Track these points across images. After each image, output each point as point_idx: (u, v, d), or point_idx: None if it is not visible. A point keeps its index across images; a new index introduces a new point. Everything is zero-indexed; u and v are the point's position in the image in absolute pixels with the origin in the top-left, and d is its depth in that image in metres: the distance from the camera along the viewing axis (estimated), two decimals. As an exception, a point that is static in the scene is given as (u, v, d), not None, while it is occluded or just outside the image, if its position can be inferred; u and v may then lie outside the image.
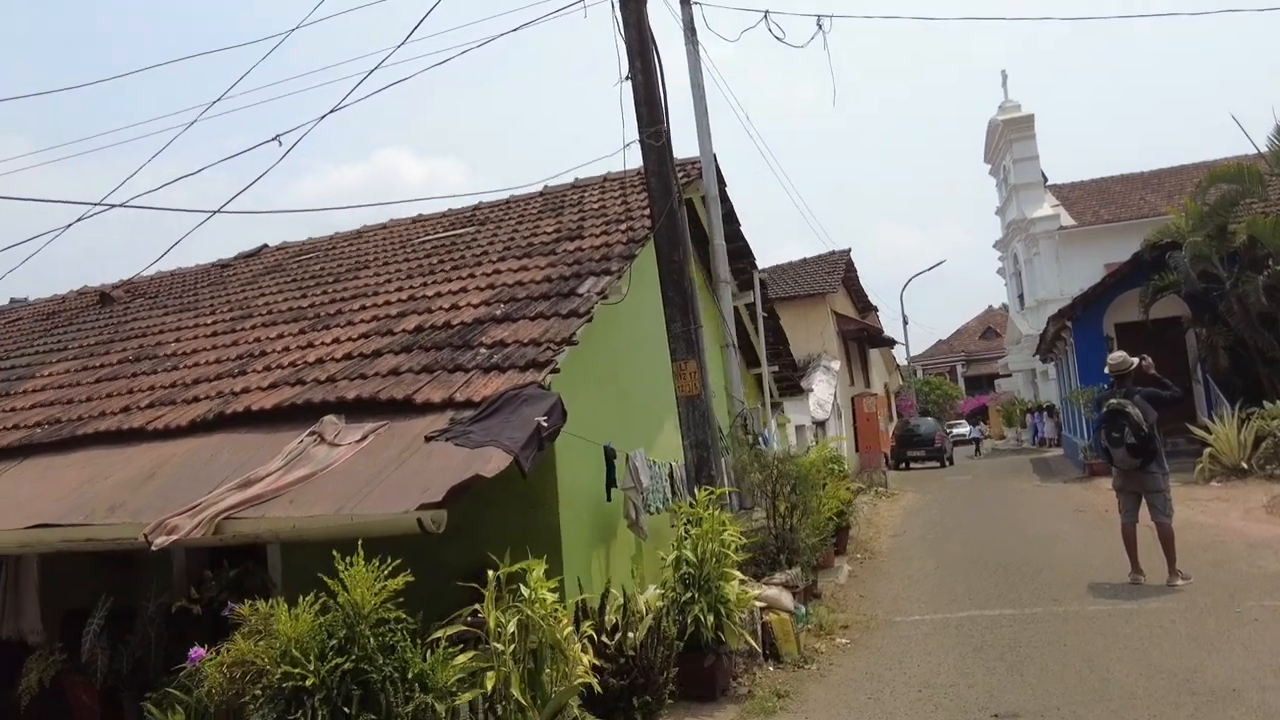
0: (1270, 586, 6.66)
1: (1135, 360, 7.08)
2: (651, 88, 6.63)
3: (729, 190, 9.89)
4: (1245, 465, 13.55)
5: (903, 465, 26.66)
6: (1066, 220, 34.60)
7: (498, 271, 7.11)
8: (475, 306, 6.35)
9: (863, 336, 25.90)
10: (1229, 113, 55.70)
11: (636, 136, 6.67)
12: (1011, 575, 8.02)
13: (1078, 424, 20.30)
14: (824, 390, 19.72)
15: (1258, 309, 14.68)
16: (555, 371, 4.98)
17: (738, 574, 5.35)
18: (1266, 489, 12.50)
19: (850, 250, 25.16)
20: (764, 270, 25.46)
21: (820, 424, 18.07)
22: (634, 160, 6.72)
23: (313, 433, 5.02)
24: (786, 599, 6.01)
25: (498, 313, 6.00)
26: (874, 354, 29.98)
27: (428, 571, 4.37)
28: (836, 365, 21.49)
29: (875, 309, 28.20)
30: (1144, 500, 7.00)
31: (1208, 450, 14.02)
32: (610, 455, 5.88)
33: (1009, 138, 37.46)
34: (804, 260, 25.34)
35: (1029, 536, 10.25)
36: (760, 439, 9.90)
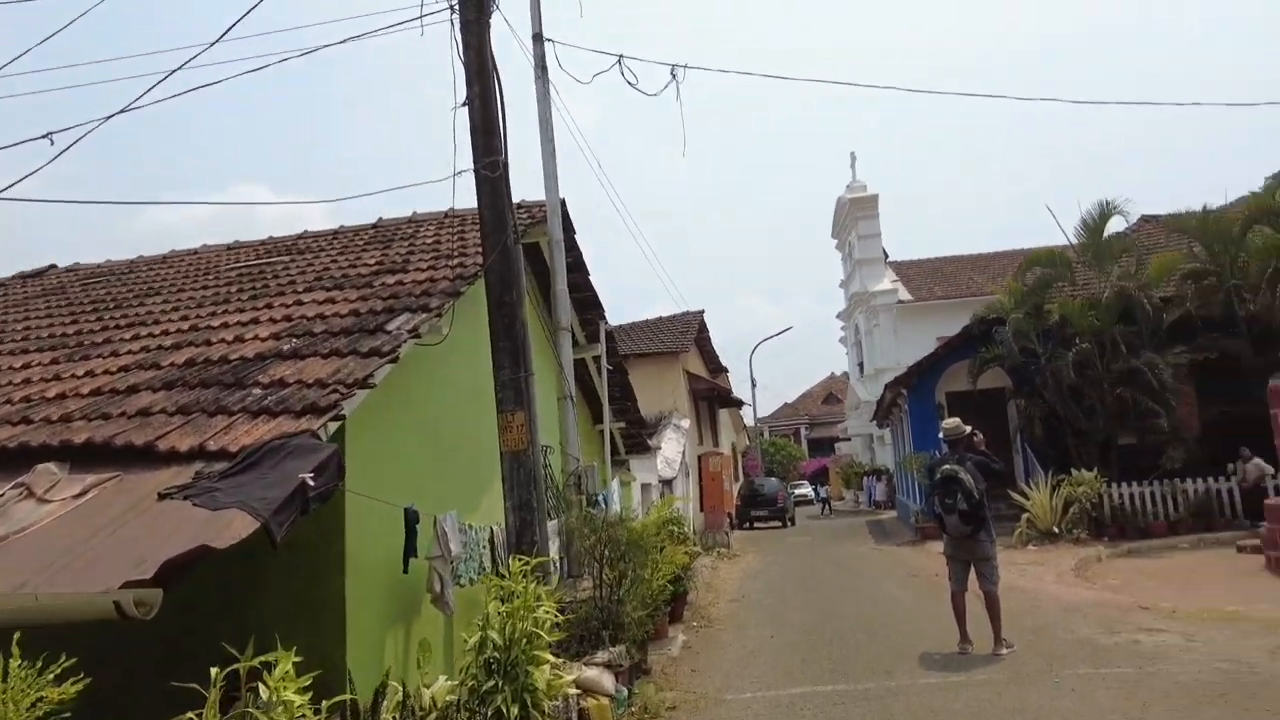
0: (1084, 653, 6.73)
1: (968, 428, 7.14)
2: (490, 115, 6.12)
3: (579, 238, 9.53)
4: (1057, 529, 14.35)
5: (747, 525, 26.88)
6: (904, 295, 36.86)
7: (300, 303, 6.26)
8: (262, 340, 5.48)
9: (713, 396, 26.16)
10: (1046, 205, 61.73)
11: (471, 167, 6.11)
12: (847, 646, 7.78)
13: (911, 488, 21.15)
14: (673, 449, 19.52)
15: (1068, 383, 15.81)
16: (339, 419, 4.23)
17: (549, 657, 4.69)
18: (1074, 552, 13.22)
19: (704, 312, 25.54)
20: (618, 326, 25.40)
21: (667, 483, 17.78)
22: (465, 193, 6.14)
23: (19, 484, 3.99)
24: (607, 681, 5.39)
25: (285, 348, 5.16)
26: (723, 414, 30.39)
27: (165, 666, 3.48)
28: (686, 424, 21.43)
29: (726, 370, 28.67)
30: (973, 568, 6.98)
31: (1025, 515, 14.77)
32: (412, 519, 5.12)
33: (855, 215, 39.79)
34: (659, 319, 25.45)
35: (864, 602, 10.18)
36: (599, 499, 9.35)
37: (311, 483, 3.57)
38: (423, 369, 6.15)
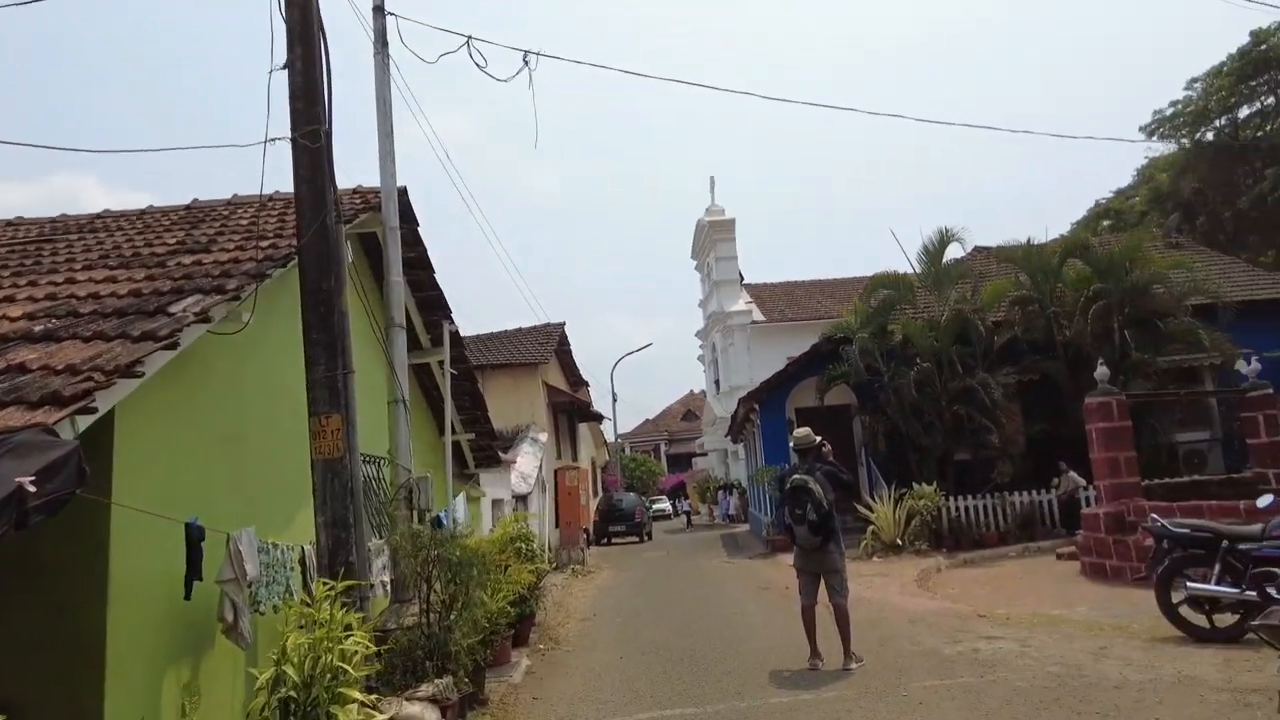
0: (929, 664, 6.74)
1: (818, 438, 7.04)
2: (312, 80, 5.41)
3: (424, 231, 8.85)
4: (900, 541, 14.84)
5: (605, 540, 26.54)
6: (758, 316, 37.93)
7: (72, 281, 5.28)
8: (13, 320, 4.51)
9: (573, 410, 25.69)
10: (890, 230, 65.60)
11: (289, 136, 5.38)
12: (697, 665, 7.47)
13: (763, 501, 21.49)
14: (529, 463, 18.86)
15: (909, 400, 16.51)
16: (90, 412, 3.43)
17: (358, 694, 4.03)
18: (916, 563, 13.67)
19: (565, 324, 25.09)
20: (475, 337, 24.48)
21: (522, 498, 17.10)
22: (281, 166, 5.37)
23: None
24: (431, 717, 4.77)
25: (37, 329, 4.24)
26: (583, 429, 29.98)
27: None
28: (544, 437, 20.83)
29: (587, 384, 28.30)
30: (822, 580, 6.85)
31: (870, 528, 15.21)
32: (196, 536, 4.32)
33: (713, 238, 40.71)
34: (519, 330, 24.77)
35: (716, 618, 9.96)
36: (442, 516, 8.64)
37: (32, 488, 2.80)
38: (224, 364, 5.32)
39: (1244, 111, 50.25)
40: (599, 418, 28.66)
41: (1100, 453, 11.16)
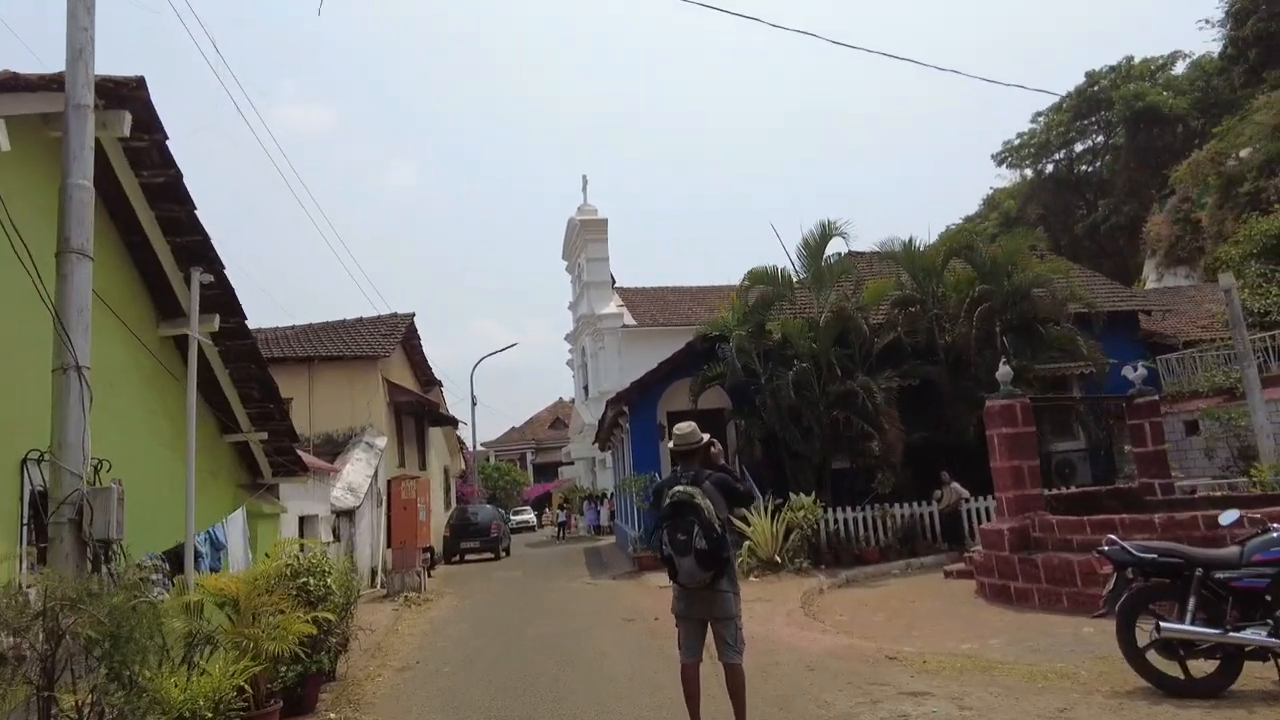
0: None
1: (705, 435, 5.25)
2: None
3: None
4: (779, 559, 13.40)
5: (457, 558, 24.03)
6: (629, 320, 36.49)
7: None
8: None
9: (422, 412, 23.03)
10: (770, 224, 65.06)
11: None
12: (538, 743, 5.48)
13: (630, 513, 19.73)
14: (359, 472, 16.23)
15: (787, 404, 15.20)
16: None
17: None
18: (798, 584, 12.23)
19: (414, 315, 22.43)
20: (306, 326, 21.41)
21: (347, 513, 14.49)
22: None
23: None
24: None
25: None
26: (436, 434, 27.29)
27: None
28: (382, 442, 18.19)
29: (440, 384, 25.66)
30: (710, 628, 5.02)
31: (747, 544, 13.70)
32: None
33: (585, 237, 39.02)
34: (359, 320, 21.91)
35: (570, 665, 7.99)
36: (177, 548, 6.23)
37: None
38: None
39: (1079, 147, 53.92)
40: (453, 421, 26.05)
41: (1002, 461, 10.05)
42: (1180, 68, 45.65)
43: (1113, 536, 5.66)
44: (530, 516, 44.14)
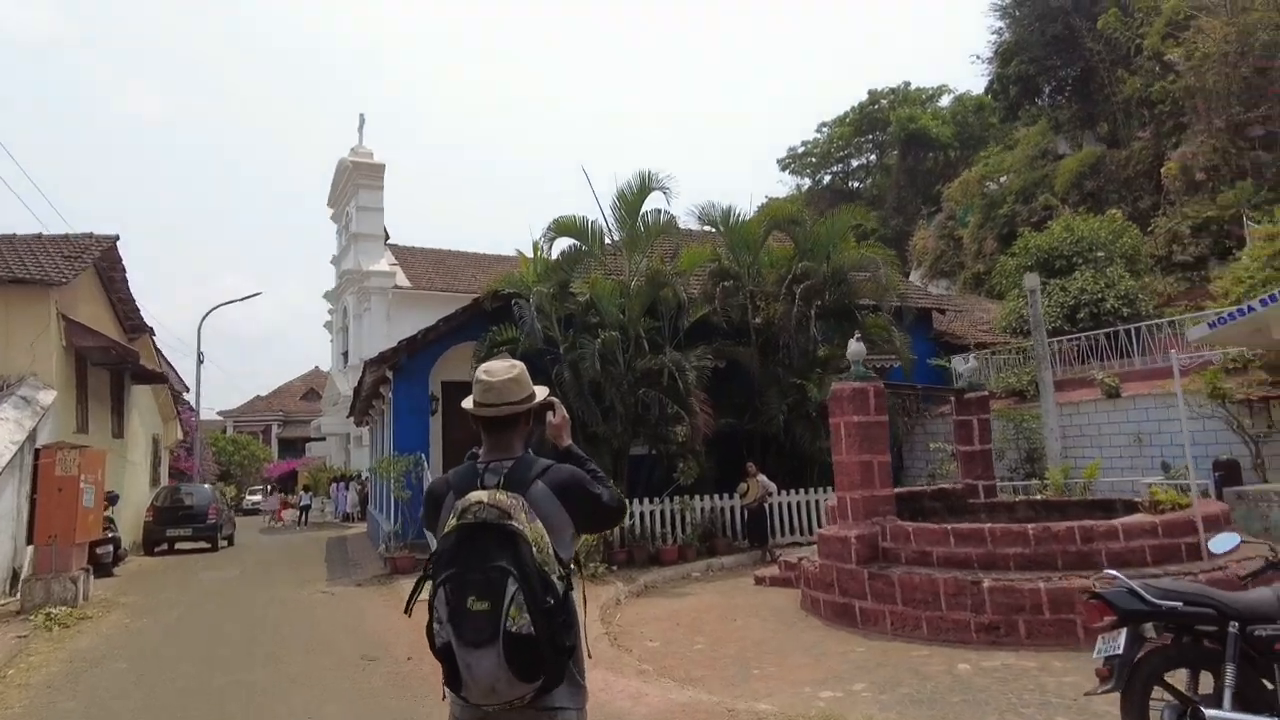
0: None
1: (543, 390, 2.75)
2: None
3: None
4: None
5: (162, 547, 19.30)
6: (403, 281, 32.65)
7: None
8: None
9: (121, 365, 18.06)
10: (580, 165, 61.35)
11: None
12: None
13: (385, 500, 16.54)
14: (2, 435, 11.70)
15: (590, 378, 12.99)
16: None
17: None
18: (593, 594, 9.97)
19: (118, 238, 17.42)
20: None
21: (-34, 493, 10.13)
22: None
23: None
24: None
25: None
26: (144, 396, 22.02)
27: None
28: (48, 397, 13.55)
29: (150, 332, 20.54)
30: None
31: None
32: None
33: (357, 182, 34.57)
34: (38, 236, 16.61)
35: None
36: None
37: None
38: None
39: (855, 162, 57.21)
40: (159, 379, 20.97)
41: (850, 454, 8.46)
42: (946, 100, 49.55)
43: (1114, 572, 3.94)
44: (259, 498, 38.70)
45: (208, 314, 56.76)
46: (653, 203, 14.21)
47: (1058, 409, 14.15)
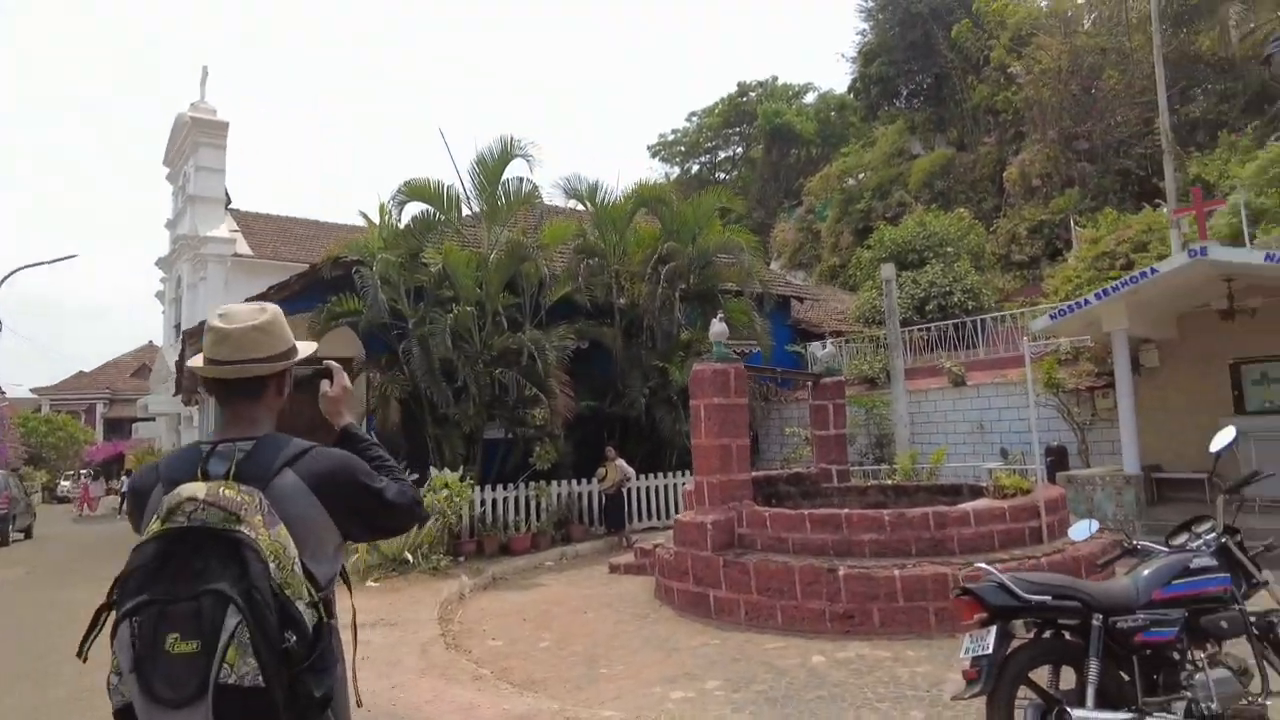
0: None
1: (310, 346, 2.09)
2: None
3: None
4: (410, 556, 10.26)
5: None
6: (244, 248, 30.09)
7: None
8: None
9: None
10: (439, 128, 57.90)
11: None
12: None
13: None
14: None
15: (441, 355, 12.10)
16: None
17: None
18: (434, 590, 9.22)
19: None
20: None
21: None
22: None
23: None
24: None
25: None
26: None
27: None
28: None
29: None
30: None
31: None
32: None
33: (196, 140, 31.44)
34: None
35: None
36: None
37: None
38: None
39: (721, 154, 58.08)
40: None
41: (709, 437, 8.13)
42: (811, 97, 51.06)
43: (984, 565, 3.66)
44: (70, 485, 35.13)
45: (11, 274, 50.49)
46: (515, 171, 13.40)
47: (907, 396, 14.54)
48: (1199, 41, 21.61)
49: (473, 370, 12.34)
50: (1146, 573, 3.61)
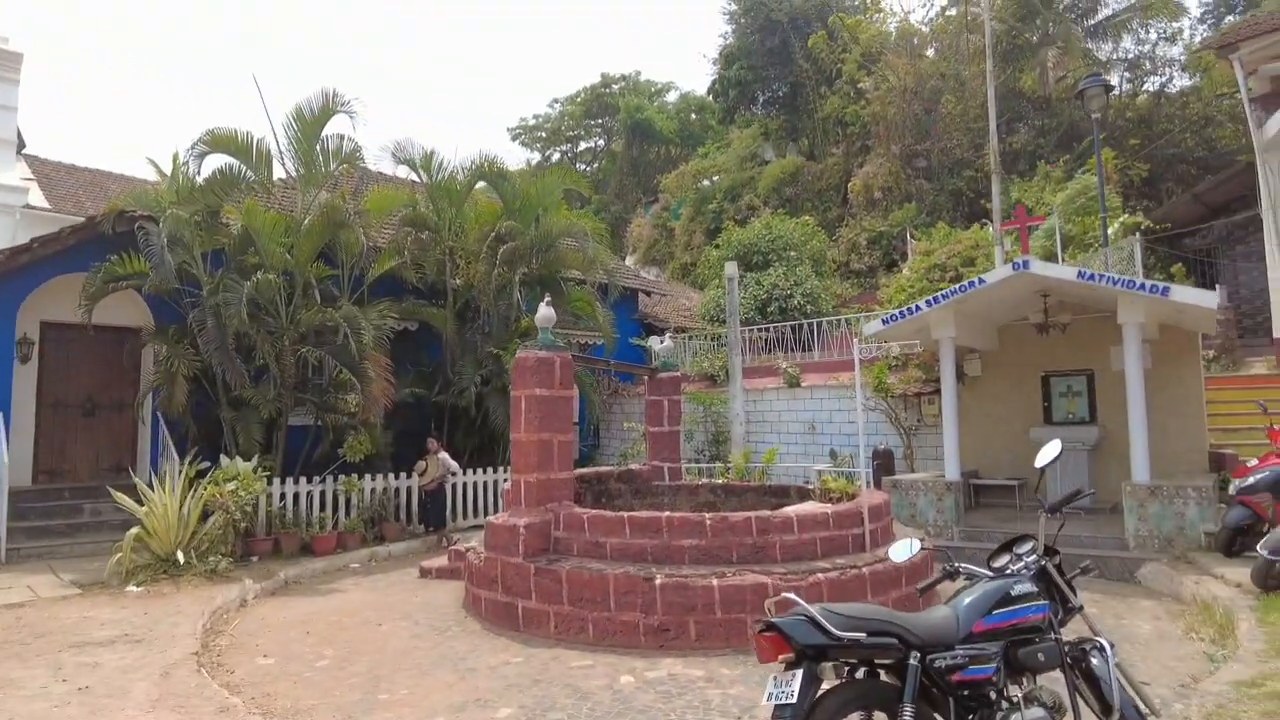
0: None
1: None
2: None
3: None
4: (183, 556, 8.88)
5: None
6: (39, 199, 26.23)
7: None
8: None
9: None
10: (252, 75, 52.86)
11: None
12: None
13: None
14: None
15: (237, 329, 10.67)
16: None
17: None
18: (207, 596, 7.97)
19: None
20: None
21: None
22: None
23: None
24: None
25: None
26: None
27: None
28: None
29: None
30: None
31: (134, 531, 8.86)
32: None
33: (-26, 68, 27.12)
34: None
35: None
36: None
37: None
38: None
39: (582, 145, 57.39)
40: None
41: (528, 431, 7.41)
42: (673, 96, 51.33)
43: (791, 595, 3.14)
44: None
45: None
46: (338, 128, 12.09)
47: (744, 394, 14.47)
48: (1023, 80, 23.17)
49: (276, 348, 10.99)
50: (967, 601, 3.26)
